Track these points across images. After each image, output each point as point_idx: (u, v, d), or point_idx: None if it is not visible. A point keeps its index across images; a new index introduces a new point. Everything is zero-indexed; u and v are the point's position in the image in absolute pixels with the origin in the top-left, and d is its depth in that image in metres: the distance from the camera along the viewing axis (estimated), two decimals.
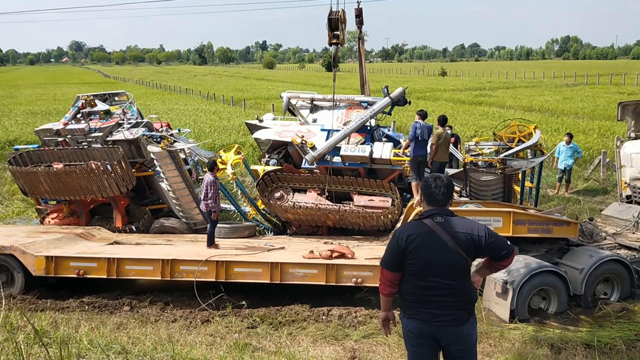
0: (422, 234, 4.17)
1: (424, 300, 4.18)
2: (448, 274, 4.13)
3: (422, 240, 4.16)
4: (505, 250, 4.22)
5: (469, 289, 4.25)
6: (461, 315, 4.18)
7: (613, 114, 23.60)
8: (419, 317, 4.22)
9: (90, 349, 5.98)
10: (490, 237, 4.19)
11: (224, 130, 24.16)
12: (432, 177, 4.37)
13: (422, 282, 4.17)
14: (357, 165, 11.04)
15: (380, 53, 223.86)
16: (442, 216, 4.22)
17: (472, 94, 42.25)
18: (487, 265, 4.38)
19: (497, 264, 4.31)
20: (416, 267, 4.17)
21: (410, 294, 4.23)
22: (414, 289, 4.21)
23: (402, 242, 4.19)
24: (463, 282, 4.19)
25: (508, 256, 4.24)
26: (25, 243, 9.41)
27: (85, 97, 13.16)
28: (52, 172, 11.11)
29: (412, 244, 4.16)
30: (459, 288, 4.16)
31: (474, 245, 4.14)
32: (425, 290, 4.17)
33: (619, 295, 8.78)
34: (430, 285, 4.15)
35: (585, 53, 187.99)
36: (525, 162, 10.87)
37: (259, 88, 54.64)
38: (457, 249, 4.12)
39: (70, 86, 62.01)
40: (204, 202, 9.76)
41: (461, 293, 4.18)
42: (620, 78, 54.27)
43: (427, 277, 4.15)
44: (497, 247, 4.20)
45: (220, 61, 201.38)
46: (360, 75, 13.04)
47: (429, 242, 4.14)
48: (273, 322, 7.90)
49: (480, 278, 4.47)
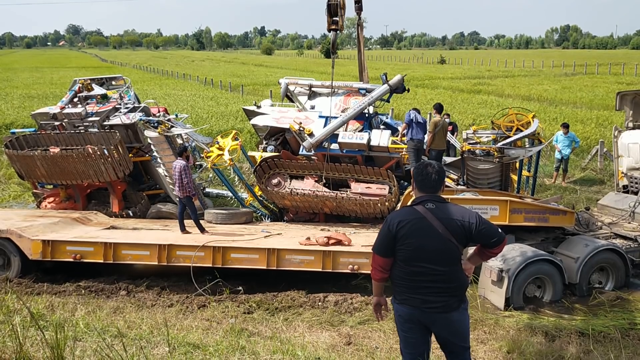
0: (413, 220, 4.18)
1: (413, 286, 4.21)
2: (438, 260, 4.14)
3: (412, 226, 4.17)
4: (496, 238, 4.23)
5: (459, 276, 4.26)
6: (451, 302, 4.19)
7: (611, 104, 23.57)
8: (409, 302, 4.24)
9: (86, 332, 6.01)
10: (481, 224, 4.19)
11: (221, 116, 24.09)
12: (424, 164, 4.37)
13: (412, 267, 4.18)
14: (355, 152, 11.03)
15: (379, 40, 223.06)
16: (433, 202, 4.22)
17: (471, 82, 42.15)
18: (479, 252, 4.40)
19: (488, 251, 4.32)
20: (406, 253, 4.18)
21: (401, 279, 4.26)
22: (404, 274, 4.23)
23: (393, 227, 4.20)
24: (453, 268, 4.20)
25: (499, 243, 4.25)
26: (21, 227, 9.40)
27: (82, 81, 13.10)
28: (49, 156, 11.08)
29: (403, 230, 4.17)
30: (449, 275, 4.17)
31: (464, 232, 4.15)
32: (415, 275, 4.18)
33: (613, 284, 8.81)
34: (420, 271, 4.16)
35: (584, 42, 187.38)
36: (522, 151, 10.87)
37: (257, 74, 54.40)
38: (447, 235, 4.12)
39: (67, 70, 61.65)
40: (178, 189, 9.74)
41: (451, 280, 4.19)
42: (619, 68, 54.14)
43: (417, 262, 4.17)
44: (488, 234, 4.21)
45: (218, 46, 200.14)
46: (359, 62, 13.00)
47: (419, 228, 4.15)
48: (269, 307, 7.92)
49: (471, 266, 4.47)
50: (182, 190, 9.71)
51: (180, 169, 9.63)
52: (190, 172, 9.86)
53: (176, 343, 5.87)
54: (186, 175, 9.65)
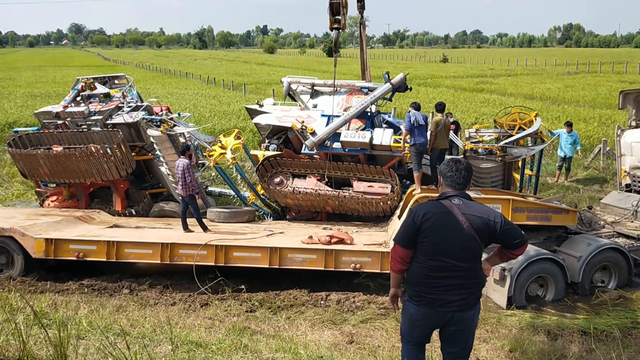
0: (439, 214, 4.18)
1: (431, 284, 4.18)
2: (460, 256, 4.14)
3: (437, 219, 4.16)
4: (519, 239, 4.22)
5: (479, 274, 4.25)
6: (470, 300, 4.19)
7: (614, 103, 23.55)
8: (425, 303, 4.22)
9: (89, 330, 6.02)
10: (506, 224, 4.19)
11: (224, 115, 24.10)
12: (453, 160, 4.37)
13: (433, 261, 4.17)
14: (357, 151, 11.02)
15: (382, 39, 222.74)
16: (460, 199, 4.23)
17: (474, 81, 42.06)
18: (499, 253, 4.39)
19: (510, 252, 4.31)
20: (428, 246, 4.17)
21: (420, 275, 4.22)
22: (423, 269, 4.20)
23: (418, 219, 4.18)
24: (473, 265, 4.20)
25: (521, 245, 4.24)
26: (25, 225, 9.43)
27: (85, 80, 13.11)
28: (52, 155, 11.10)
29: (428, 222, 4.16)
30: (469, 271, 4.17)
31: (488, 231, 4.15)
32: (435, 270, 4.16)
33: (616, 283, 8.82)
34: (441, 265, 4.14)
35: (587, 41, 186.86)
36: (525, 149, 10.86)
37: (259, 73, 54.39)
38: (471, 232, 4.12)
39: (69, 69, 61.72)
40: (181, 188, 9.76)
41: (470, 276, 4.18)
42: (622, 66, 53.97)
43: (438, 257, 4.15)
44: (512, 234, 4.21)
45: (221, 45, 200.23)
46: (361, 60, 12.97)
47: (444, 222, 4.15)
48: (272, 306, 7.94)
49: (490, 266, 4.46)
50: (184, 189, 9.72)
51: (183, 168, 9.65)
52: (193, 170, 9.87)
53: (179, 341, 5.88)
54: (189, 173, 9.67)
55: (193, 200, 9.82)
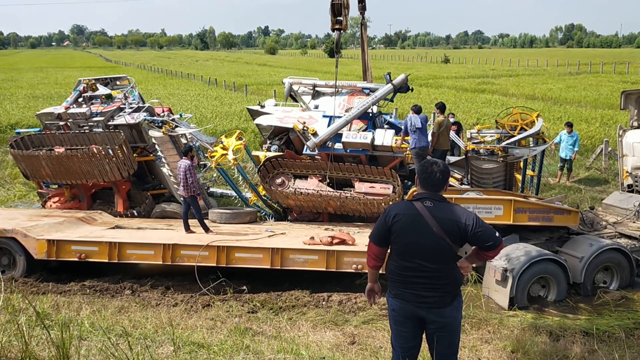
0: (408, 216, 4.22)
1: (406, 281, 4.26)
2: (430, 257, 4.18)
3: (406, 221, 4.21)
4: (491, 242, 4.21)
5: (452, 273, 4.27)
6: (444, 298, 4.22)
7: (616, 103, 23.49)
8: (402, 297, 4.30)
9: (91, 331, 6.02)
10: (478, 227, 4.17)
11: (225, 116, 24.11)
12: (429, 162, 4.39)
13: (405, 262, 4.25)
14: (359, 152, 11.02)
15: (383, 39, 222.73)
16: (432, 201, 4.24)
17: (475, 82, 42.03)
18: (475, 254, 4.41)
19: (484, 254, 4.33)
20: (400, 247, 4.26)
21: (395, 273, 4.32)
22: (398, 268, 4.30)
23: (389, 219, 4.27)
24: (445, 266, 4.22)
25: (493, 248, 4.24)
26: (27, 226, 9.44)
27: (87, 81, 13.14)
28: (54, 156, 11.12)
29: (398, 224, 4.23)
30: (441, 272, 4.20)
31: (459, 233, 4.16)
32: (407, 270, 4.24)
33: (618, 283, 8.79)
34: (412, 266, 4.22)
35: (589, 41, 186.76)
36: (527, 150, 10.86)
37: (260, 74, 54.41)
38: (441, 234, 4.14)
39: (71, 70, 61.80)
40: (183, 189, 9.76)
41: (443, 277, 4.21)
42: (624, 67, 53.89)
43: (409, 258, 4.22)
44: (484, 237, 4.20)
45: (222, 46, 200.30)
46: (362, 61, 12.98)
47: (413, 224, 4.19)
48: (273, 307, 7.94)
49: (468, 264, 4.49)
50: (186, 190, 9.73)
51: (184, 169, 9.66)
52: (194, 171, 9.88)
53: (181, 342, 5.89)
54: (191, 175, 9.67)
55: (195, 201, 9.83)
